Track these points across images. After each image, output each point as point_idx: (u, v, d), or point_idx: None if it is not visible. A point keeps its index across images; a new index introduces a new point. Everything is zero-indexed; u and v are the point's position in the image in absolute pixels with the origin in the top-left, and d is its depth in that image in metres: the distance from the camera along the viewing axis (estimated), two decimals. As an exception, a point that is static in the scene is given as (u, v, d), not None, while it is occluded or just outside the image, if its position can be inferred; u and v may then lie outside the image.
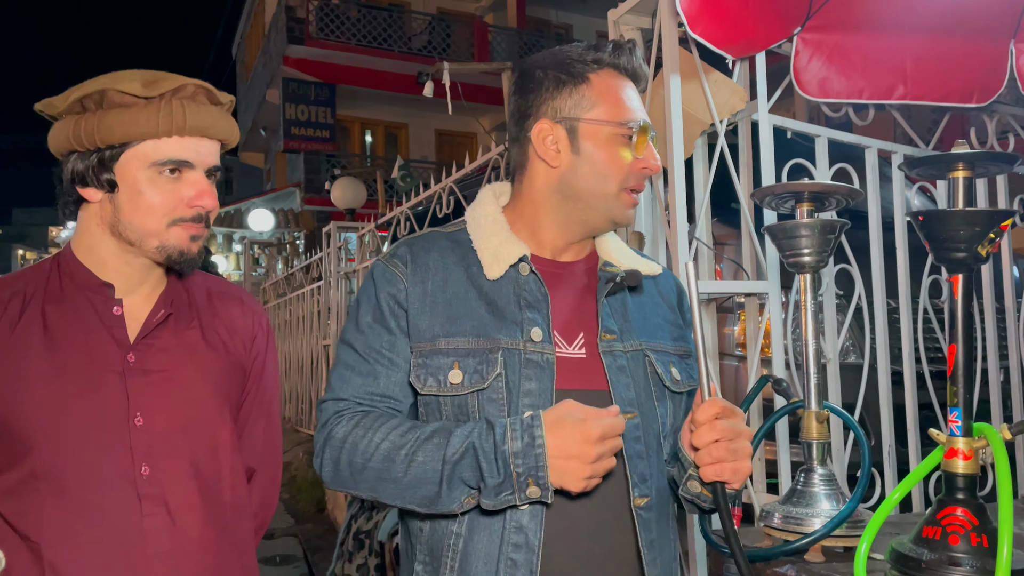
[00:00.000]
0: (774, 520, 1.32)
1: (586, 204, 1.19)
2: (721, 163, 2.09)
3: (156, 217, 1.20)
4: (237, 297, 1.41)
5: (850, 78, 2.16)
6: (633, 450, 1.13)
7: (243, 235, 15.41)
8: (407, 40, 15.56)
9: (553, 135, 1.19)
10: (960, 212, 1.05)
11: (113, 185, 1.20)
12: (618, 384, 1.15)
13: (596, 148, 1.17)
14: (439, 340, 1.14)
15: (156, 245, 1.22)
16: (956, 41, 2.21)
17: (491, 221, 1.22)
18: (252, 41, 19.72)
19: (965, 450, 1.07)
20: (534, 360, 1.12)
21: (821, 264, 1.33)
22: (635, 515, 1.12)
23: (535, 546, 1.08)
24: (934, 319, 2.64)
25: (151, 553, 1.17)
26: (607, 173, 1.17)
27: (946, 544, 1.04)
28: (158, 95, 1.18)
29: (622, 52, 1.20)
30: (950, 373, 1.09)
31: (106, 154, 1.19)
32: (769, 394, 2.52)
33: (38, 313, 1.20)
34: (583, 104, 1.18)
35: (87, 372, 1.19)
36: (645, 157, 1.18)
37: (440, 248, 1.22)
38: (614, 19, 2.23)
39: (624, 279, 1.20)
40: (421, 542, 1.16)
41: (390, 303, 1.18)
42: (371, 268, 1.24)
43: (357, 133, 16.64)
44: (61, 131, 1.21)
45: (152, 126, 1.17)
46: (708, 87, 2.05)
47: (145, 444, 1.19)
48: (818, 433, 1.34)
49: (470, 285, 1.18)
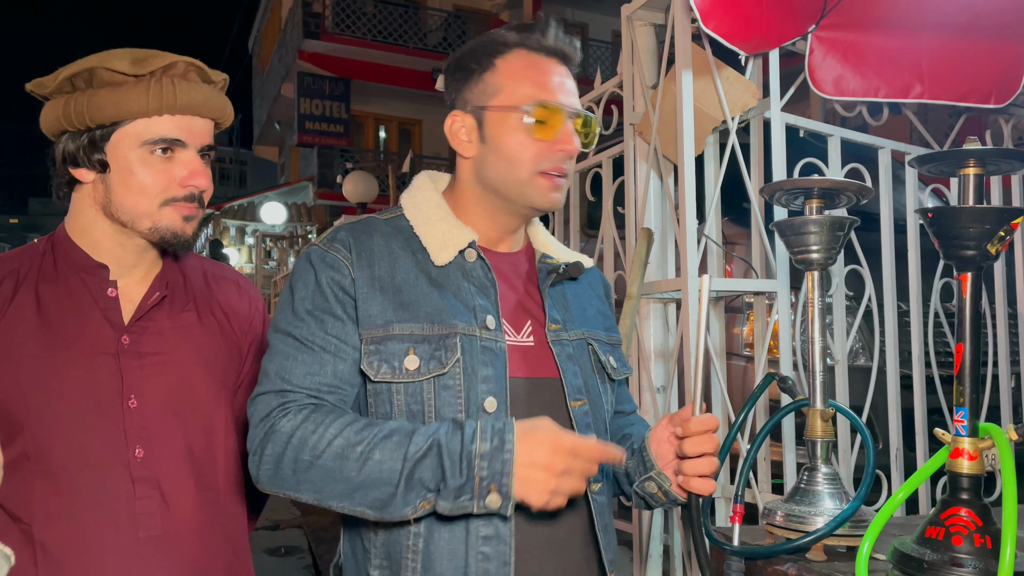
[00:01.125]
0: (776, 518, 1.31)
1: (502, 193, 1.16)
2: (732, 162, 2.08)
3: (148, 197, 1.19)
4: (234, 280, 1.40)
5: (866, 76, 2.14)
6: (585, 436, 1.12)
7: (256, 228, 15.48)
8: (422, 36, 15.59)
9: (465, 126, 1.17)
10: (970, 209, 1.04)
11: (104, 165, 1.19)
12: (567, 372, 1.16)
13: (500, 135, 1.14)
14: (392, 326, 1.09)
15: (149, 226, 1.20)
16: (973, 41, 2.19)
17: (434, 207, 1.19)
18: (268, 35, 19.81)
19: (970, 450, 1.05)
20: (489, 347, 1.11)
21: (829, 262, 1.32)
22: (591, 500, 1.15)
23: (507, 536, 1.06)
24: (945, 323, 2.61)
25: (143, 536, 1.16)
26: (514, 159, 1.13)
27: (949, 545, 1.03)
28: (148, 73, 1.17)
29: (533, 29, 1.16)
30: (956, 372, 1.08)
31: (96, 134, 1.17)
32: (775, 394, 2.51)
33: (32, 294, 1.19)
34: (487, 92, 1.15)
35: (81, 353, 1.17)
36: (559, 138, 1.13)
37: (382, 233, 1.17)
38: (627, 14, 2.23)
39: (567, 270, 1.22)
40: (376, 546, 1.10)
41: (334, 289, 1.11)
42: (306, 253, 1.16)
43: (371, 128, 16.69)
44: (52, 111, 1.20)
45: (142, 104, 1.16)
46: (720, 83, 2.04)
47: (139, 426, 1.18)
48: (822, 432, 1.33)
49: (419, 271, 1.14)
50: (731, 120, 2.06)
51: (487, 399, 1.09)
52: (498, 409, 1.09)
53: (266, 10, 20.16)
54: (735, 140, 2.06)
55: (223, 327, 1.32)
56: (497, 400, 1.09)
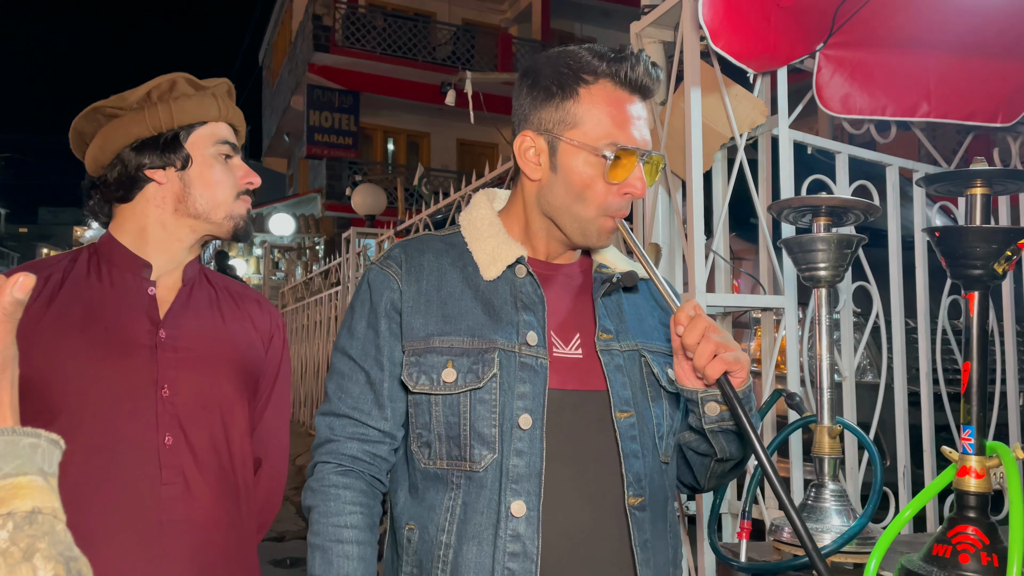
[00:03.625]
0: (783, 534, 1.31)
1: (562, 222, 1.16)
2: (740, 178, 2.09)
3: (225, 189, 1.36)
4: (255, 299, 1.49)
5: (873, 95, 2.15)
6: (629, 449, 1.12)
7: (264, 239, 15.55)
8: (432, 50, 15.68)
9: (535, 147, 1.16)
10: (977, 229, 1.05)
11: (187, 161, 1.34)
12: (615, 383, 1.13)
13: (573, 169, 1.12)
14: (433, 339, 1.13)
15: (224, 214, 1.36)
16: (980, 60, 2.20)
17: (487, 224, 1.21)
18: (279, 48, 19.96)
19: (977, 468, 1.06)
20: (528, 364, 1.11)
21: (837, 279, 1.33)
22: (628, 514, 1.10)
23: (533, 554, 1.06)
24: (953, 339, 2.61)
25: (165, 519, 1.22)
26: (583, 197, 1.13)
27: (956, 563, 1.03)
28: (209, 87, 1.38)
29: (624, 62, 1.12)
30: (964, 390, 1.09)
31: (180, 133, 1.34)
32: (782, 411, 2.51)
33: (76, 289, 1.29)
34: (567, 120, 1.12)
35: (119, 345, 1.26)
36: (628, 182, 1.12)
37: (435, 250, 1.21)
38: (636, 31, 2.25)
39: (621, 280, 1.19)
40: (409, 553, 1.13)
41: (386, 307, 1.17)
42: (366, 272, 1.23)
43: (379, 141, 16.77)
44: (130, 122, 1.32)
45: (213, 111, 1.37)
46: (729, 101, 2.05)
47: (171, 414, 1.25)
48: (830, 448, 1.33)
49: (466, 286, 1.17)
50: (739, 137, 2.08)
51: (522, 416, 1.09)
52: (533, 426, 1.09)
53: (277, 23, 20.33)
54: (743, 157, 2.07)
55: (249, 335, 1.41)
56: (532, 417, 1.09)
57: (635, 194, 1.14)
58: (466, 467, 1.10)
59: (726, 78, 2.05)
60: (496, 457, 1.09)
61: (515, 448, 1.08)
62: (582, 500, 1.10)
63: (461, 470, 1.10)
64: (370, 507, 1.15)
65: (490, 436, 1.09)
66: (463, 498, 1.10)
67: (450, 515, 1.10)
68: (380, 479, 1.17)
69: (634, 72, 1.12)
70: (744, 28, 1.81)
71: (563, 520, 1.09)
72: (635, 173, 1.12)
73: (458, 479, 1.10)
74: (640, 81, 1.13)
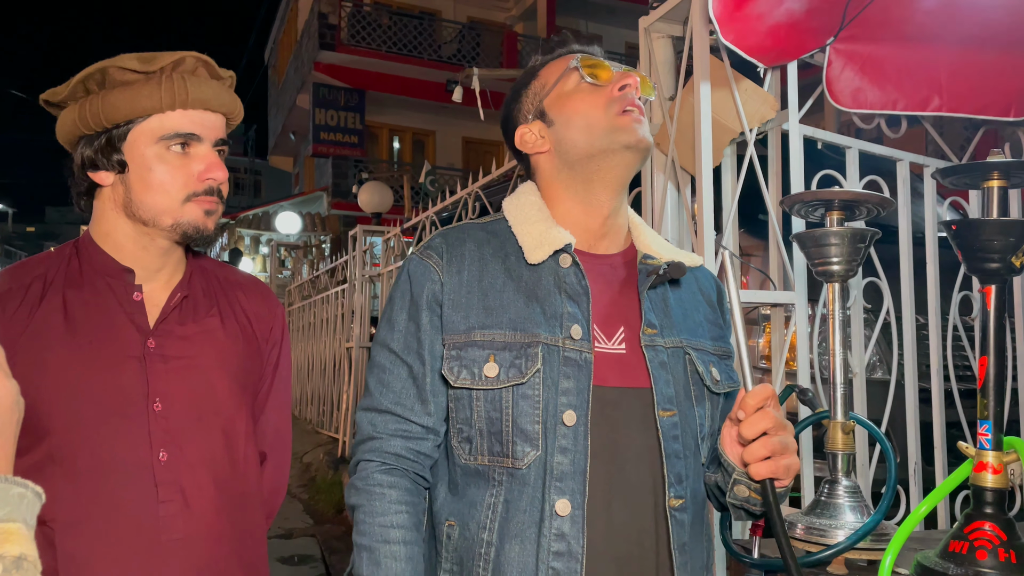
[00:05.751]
0: (797, 531, 1.30)
1: (592, 154, 1.15)
2: (748, 173, 2.07)
3: (169, 194, 1.20)
4: (253, 287, 1.41)
5: (884, 89, 2.14)
6: (671, 449, 1.09)
7: (270, 237, 15.57)
8: (437, 48, 15.68)
9: (532, 130, 1.21)
10: (994, 222, 1.04)
11: (123, 165, 1.20)
12: (659, 380, 1.11)
13: (565, 106, 1.18)
14: (474, 332, 1.11)
15: (171, 223, 1.21)
16: (992, 55, 2.18)
17: (536, 209, 1.19)
18: (284, 47, 19.97)
19: (995, 464, 1.05)
20: (572, 358, 1.09)
21: (850, 274, 1.32)
22: (669, 516, 1.08)
23: (578, 554, 1.04)
24: (964, 336, 2.59)
25: (165, 539, 1.17)
26: (588, 113, 1.16)
27: (973, 559, 1.02)
28: (158, 69, 1.19)
29: (563, 42, 1.24)
30: (980, 385, 1.08)
31: (113, 133, 1.19)
32: (792, 407, 2.49)
33: (59, 297, 1.20)
34: (539, 93, 1.21)
35: (107, 357, 1.18)
36: (616, 79, 1.16)
37: (476, 239, 1.18)
38: (645, 26, 2.23)
39: (667, 271, 1.16)
40: (449, 549, 1.11)
41: (427, 299, 1.14)
42: (406, 262, 1.20)
43: (385, 139, 16.77)
44: (67, 117, 1.22)
45: (155, 100, 1.17)
46: (738, 95, 2.04)
47: (163, 430, 1.19)
48: (843, 444, 1.32)
49: (507, 277, 1.14)
50: (749, 132, 2.06)
51: (566, 412, 1.07)
52: (577, 423, 1.07)
53: (282, 22, 20.33)
54: (753, 152, 2.06)
55: (245, 332, 1.33)
56: (577, 413, 1.07)
57: (632, 83, 1.16)
58: (508, 464, 1.08)
59: (736, 72, 2.04)
60: (540, 454, 1.07)
61: (559, 445, 1.06)
62: (622, 499, 1.08)
63: (503, 467, 1.08)
64: (416, 505, 1.13)
65: (533, 432, 1.07)
66: (505, 495, 1.08)
67: (492, 512, 1.08)
68: (424, 476, 1.15)
69: (567, 44, 1.23)
70: (754, 22, 1.79)
71: (605, 521, 1.07)
72: (617, 73, 1.18)
73: (500, 476, 1.08)
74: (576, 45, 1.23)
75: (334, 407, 7.68)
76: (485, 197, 4.00)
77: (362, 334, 6.68)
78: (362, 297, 6.79)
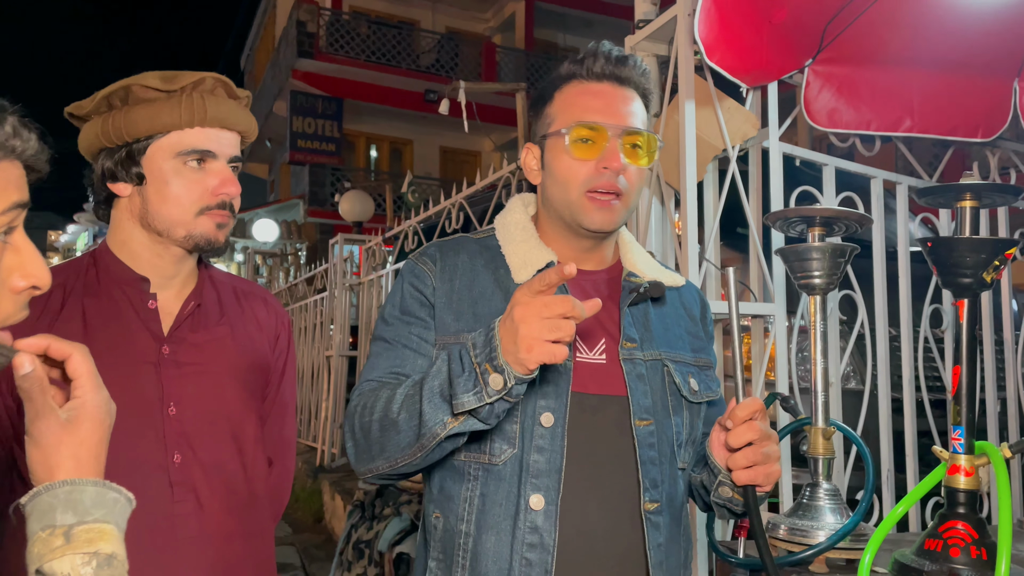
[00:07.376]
0: (780, 531, 1.36)
1: (561, 216, 1.22)
2: (729, 188, 2.15)
3: (183, 207, 1.25)
4: (262, 297, 1.46)
5: (859, 110, 2.22)
6: (647, 456, 1.16)
7: (246, 245, 15.46)
8: (415, 58, 15.72)
9: (534, 156, 1.26)
10: (967, 239, 1.11)
11: (141, 178, 1.26)
12: (636, 391, 1.17)
13: (552, 159, 1.21)
14: (463, 334, 1.16)
15: (184, 234, 1.26)
16: (962, 77, 2.28)
17: (520, 228, 1.26)
18: (261, 53, 19.89)
19: (967, 467, 1.11)
20: (553, 365, 1.13)
21: (831, 287, 1.38)
22: (644, 519, 1.15)
23: (550, 546, 1.10)
24: (934, 348, 2.69)
25: (179, 537, 1.22)
26: (563, 181, 1.19)
27: (947, 556, 1.09)
28: (179, 88, 1.25)
29: (588, 57, 1.20)
30: (953, 394, 1.14)
31: (134, 147, 1.25)
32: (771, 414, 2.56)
33: (78, 306, 1.25)
34: (546, 122, 1.23)
35: (123, 363, 1.23)
36: (603, 157, 1.15)
37: (469, 251, 1.26)
38: (631, 45, 2.30)
39: (647, 290, 1.22)
40: (435, 540, 1.18)
41: (419, 296, 1.21)
42: (402, 266, 1.27)
43: (362, 148, 16.76)
44: (91, 130, 1.27)
45: (175, 117, 1.23)
46: (722, 114, 2.11)
47: (178, 433, 1.24)
48: (824, 449, 1.38)
49: (496, 287, 1.21)
50: (731, 149, 2.14)
51: (544, 414, 1.13)
52: (555, 424, 1.13)
53: (260, 28, 20.26)
54: (735, 168, 2.13)
55: (254, 342, 1.38)
56: (555, 416, 1.13)
57: (612, 167, 1.16)
58: (484, 460, 1.14)
59: (719, 91, 2.11)
60: (516, 452, 1.13)
61: (536, 444, 1.12)
62: (598, 501, 1.14)
63: (479, 463, 1.14)
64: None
65: (511, 432, 1.13)
66: (481, 489, 1.14)
67: (468, 505, 1.14)
68: None
69: (597, 63, 1.19)
70: (738, 44, 1.87)
71: (579, 518, 1.13)
72: (609, 146, 1.16)
73: (475, 471, 1.15)
74: (606, 70, 1.20)
75: (312, 416, 7.65)
76: (468, 207, 4.05)
77: (342, 342, 6.67)
78: (342, 305, 6.79)
